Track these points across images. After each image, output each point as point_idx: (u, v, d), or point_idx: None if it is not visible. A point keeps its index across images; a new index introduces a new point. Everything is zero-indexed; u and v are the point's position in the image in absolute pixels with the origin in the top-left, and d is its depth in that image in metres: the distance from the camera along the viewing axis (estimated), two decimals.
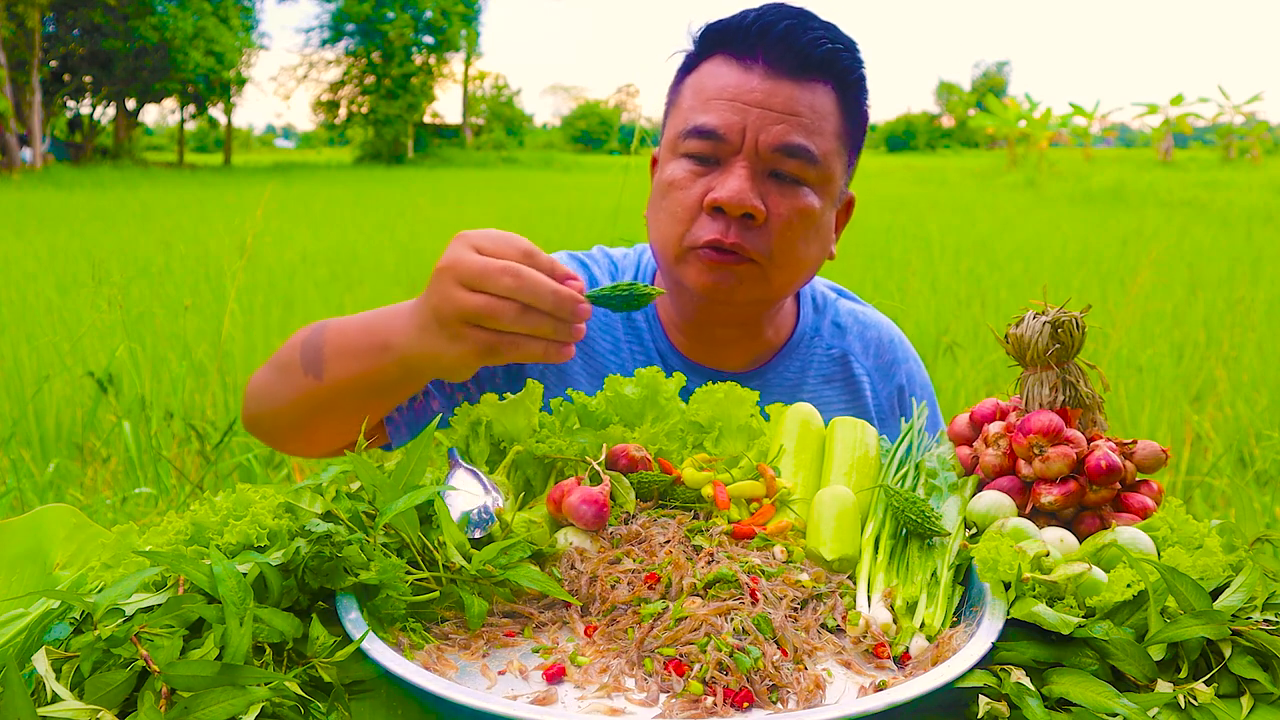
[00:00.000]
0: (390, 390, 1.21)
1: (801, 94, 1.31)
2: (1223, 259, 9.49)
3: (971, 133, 71.05)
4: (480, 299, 1.05)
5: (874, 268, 8.53)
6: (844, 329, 1.58)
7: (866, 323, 1.60)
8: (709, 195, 1.31)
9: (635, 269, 1.57)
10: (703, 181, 1.33)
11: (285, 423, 1.31)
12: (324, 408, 1.25)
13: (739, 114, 1.30)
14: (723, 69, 1.34)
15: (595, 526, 0.98)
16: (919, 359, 1.65)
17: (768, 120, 1.30)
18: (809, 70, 1.32)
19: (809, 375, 1.52)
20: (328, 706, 0.74)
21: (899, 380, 1.58)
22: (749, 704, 0.76)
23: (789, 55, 1.31)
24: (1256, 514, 1.01)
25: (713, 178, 1.32)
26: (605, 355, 1.49)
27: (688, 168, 1.34)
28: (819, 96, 1.33)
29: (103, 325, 5.26)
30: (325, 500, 0.92)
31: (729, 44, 1.35)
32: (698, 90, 1.36)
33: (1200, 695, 0.75)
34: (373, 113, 49.31)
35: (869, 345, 1.58)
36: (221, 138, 51.25)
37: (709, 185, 1.32)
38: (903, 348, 1.62)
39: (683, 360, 1.48)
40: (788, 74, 1.31)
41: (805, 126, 1.31)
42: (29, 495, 3.57)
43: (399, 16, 48.10)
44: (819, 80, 1.33)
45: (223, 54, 40.29)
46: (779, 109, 1.30)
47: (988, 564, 0.86)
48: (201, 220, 12.85)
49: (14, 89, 31.86)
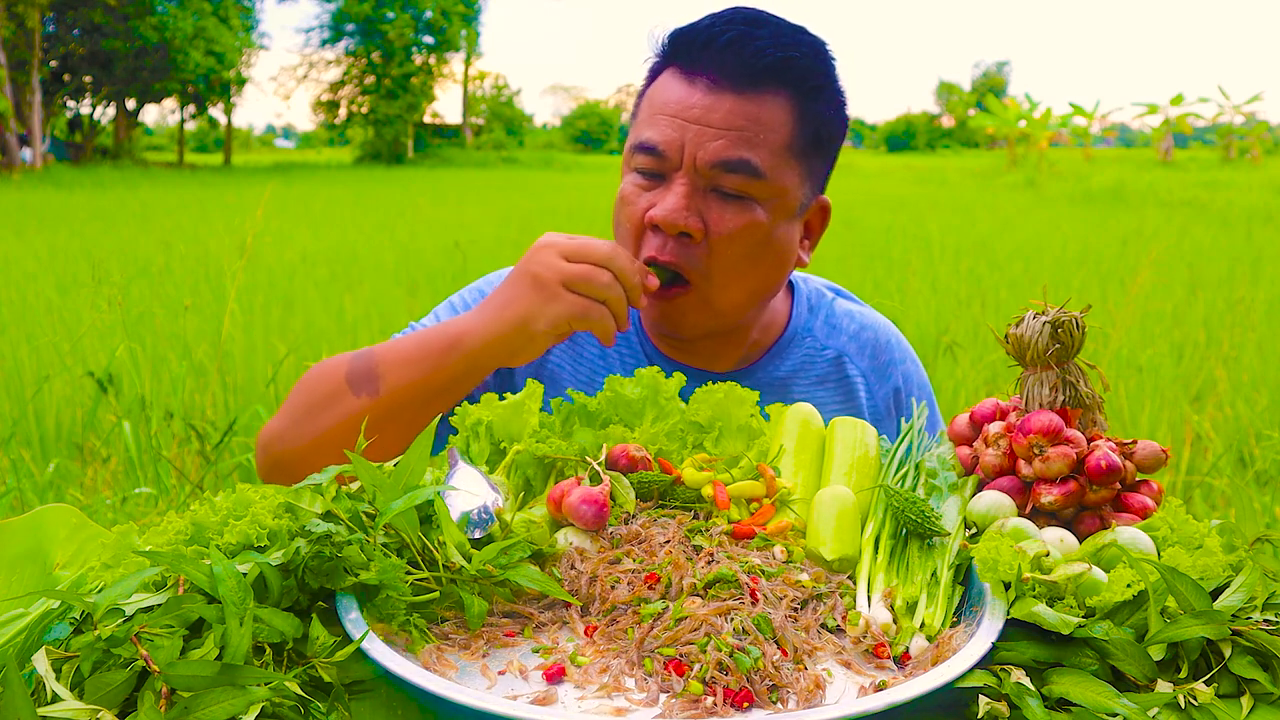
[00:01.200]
0: (450, 390, 1.28)
1: (745, 107, 1.29)
2: (1223, 259, 9.49)
3: (971, 133, 71.03)
4: (581, 267, 1.24)
5: (874, 268, 8.53)
6: (838, 329, 1.56)
7: (863, 323, 1.58)
8: (648, 213, 1.32)
9: None
10: (647, 197, 1.33)
11: (324, 456, 1.26)
12: (377, 424, 1.23)
13: (678, 130, 1.29)
14: (672, 83, 1.33)
15: (595, 526, 0.98)
16: (917, 359, 1.63)
17: (705, 136, 1.28)
18: (756, 81, 1.29)
19: (801, 376, 1.51)
20: (328, 706, 0.74)
21: (895, 382, 1.56)
22: (749, 704, 0.76)
23: (734, 67, 1.29)
24: (1256, 514, 1.01)
25: (656, 194, 1.32)
26: (594, 360, 1.49)
27: (636, 183, 1.35)
28: (766, 108, 1.30)
29: (103, 325, 5.26)
30: (325, 500, 0.92)
31: (680, 55, 1.34)
32: (649, 103, 1.35)
33: (1200, 695, 0.75)
34: (373, 113, 49.30)
35: (864, 346, 1.56)
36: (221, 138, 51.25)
37: (652, 201, 1.32)
38: (900, 348, 1.60)
39: (669, 362, 1.48)
40: (732, 87, 1.29)
41: (747, 140, 1.28)
42: (29, 495, 3.57)
43: (399, 16, 48.08)
44: (770, 90, 1.30)
45: (223, 54, 40.28)
46: (717, 124, 1.28)
47: (988, 564, 0.86)
48: (201, 220, 12.86)
49: (14, 89, 31.86)
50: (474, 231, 11.36)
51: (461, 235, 10.25)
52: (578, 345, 1.49)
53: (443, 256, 9.27)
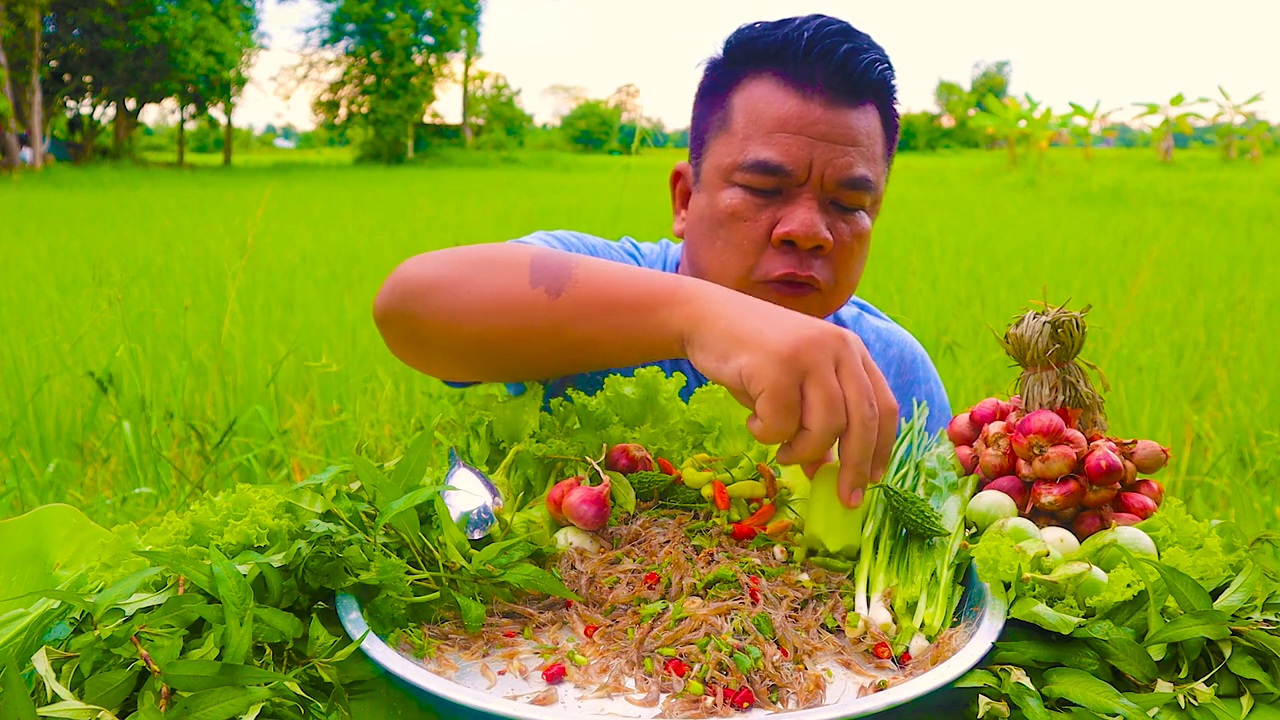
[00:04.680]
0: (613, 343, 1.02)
1: (859, 121, 1.30)
2: (1223, 259, 9.49)
3: (971, 133, 71.06)
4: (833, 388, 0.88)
5: (874, 268, 8.52)
6: (866, 345, 1.56)
7: (889, 340, 1.59)
8: (779, 229, 1.29)
9: (661, 268, 1.56)
10: (767, 213, 1.30)
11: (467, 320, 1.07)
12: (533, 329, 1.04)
13: (805, 148, 1.28)
14: (779, 95, 1.29)
15: (595, 526, 0.98)
16: (939, 381, 1.64)
17: (834, 154, 1.28)
18: (862, 94, 1.31)
19: None
20: (328, 706, 0.74)
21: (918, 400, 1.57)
22: (749, 704, 0.76)
23: (847, 81, 1.29)
24: (1256, 514, 1.01)
25: (777, 209, 1.30)
26: None
27: (748, 198, 1.31)
28: (870, 119, 1.32)
29: (103, 325, 5.26)
30: (325, 500, 0.92)
31: (780, 63, 1.30)
32: (753, 117, 1.30)
33: (1200, 695, 0.75)
34: (373, 113, 49.32)
35: (890, 364, 1.57)
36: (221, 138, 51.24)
37: (774, 217, 1.30)
38: (924, 368, 1.60)
39: (669, 363, 1.46)
40: (845, 100, 1.29)
41: (864, 156, 1.31)
42: (29, 495, 3.57)
43: (399, 16, 48.10)
44: (869, 101, 1.32)
45: (223, 54, 40.29)
46: (842, 140, 1.29)
47: (988, 564, 0.86)
48: (201, 220, 12.85)
49: (14, 89, 31.86)
50: (474, 231, 11.36)
51: (461, 235, 10.24)
52: None
53: None
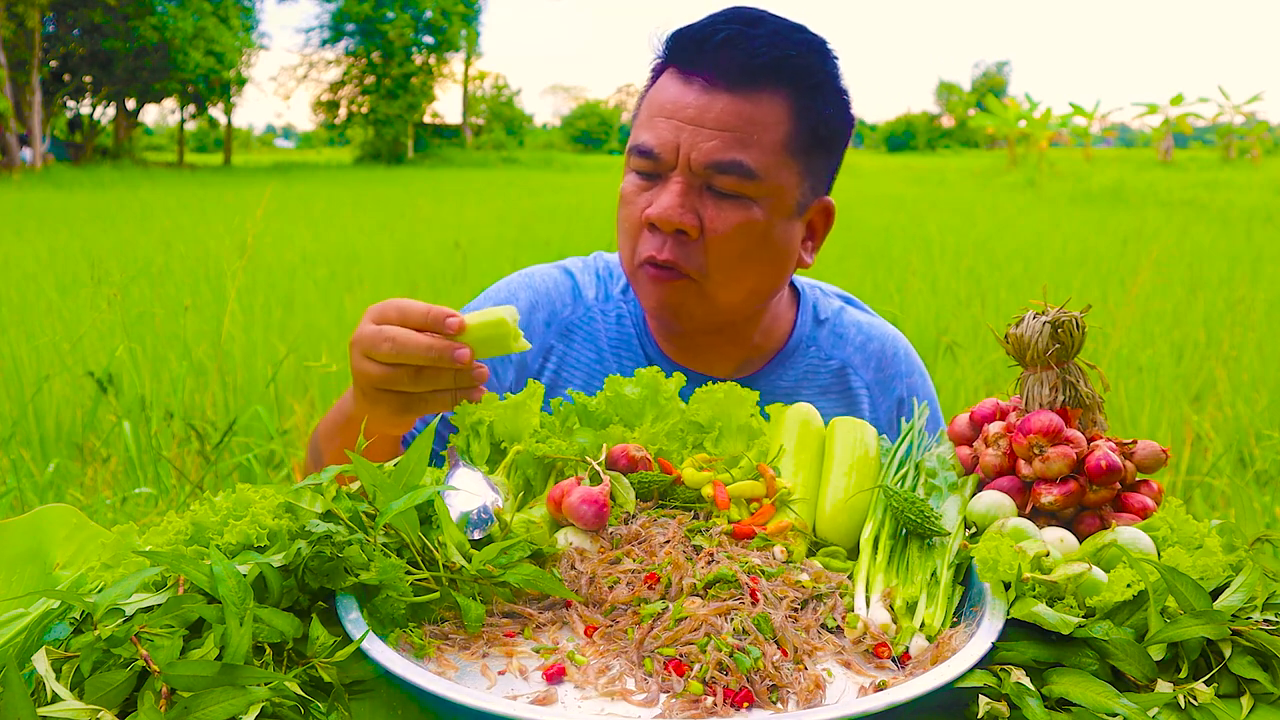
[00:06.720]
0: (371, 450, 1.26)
1: (739, 106, 1.29)
2: (1223, 259, 9.49)
3: (971, 133, 71.04)
4: (377, 368, 1.11)
5: (874, 268, 8.53)
6: (845, 339, 1.55)
7: (870, 334, 1.57)
8: (645, 211, 1.33)
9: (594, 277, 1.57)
10: (645, 197, 1.34)
11: None
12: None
13: (673, 132, 1.30)
14: (669, 83, 1.34)
15: (595, 526, 0.98)
16: (925, 372, 1.62)
17: (699, 137, 1.29)
18: (752, 80, 1.29)
19: (804, 386, 1.51)
20: (328, 706, 0.74)
21: (899, 393, 1.55)
22: (749, 704, 0.76)
23: (729, 66, 1.29)
24: (1256, 514, 1.01)
25: (654, 193, 1.33)
26: (594, 360, 1.49)
27: (635, 182, 1.36)
28: (761, 107, 1.30)
29: (103, 325, 5.27)
30: (325, 500, 0.92)
31: (678, 56, 1.35)
32: (648, 105, 1.36)
33: (1200, 695, 0.75)
34: (373, 113, 49.29)
35: (870, 357, 1.55)
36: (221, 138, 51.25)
37: (650, 200, 1.33)
38: (907, 361, 1.59)
39: (669, 364, 1.48)
40: (726, 86, 1.29)
41: (740, 141, 1.29)
42: (29, 495, 3.57)
43: (399, 16, 48.08)
44: (766, 89, 1.30)
45: (223, 54, 40.28)
46: (711, 125, 1.29)
47: (988, 564, 0.86)
48: (201, 220, 12.85)
49: (14, 89, 31.86)
50: (474, 231, 11.36)
51: (461, 235, 10.25)
52: (577, 346, 1.49)
53: (443, 256, 9.28)
